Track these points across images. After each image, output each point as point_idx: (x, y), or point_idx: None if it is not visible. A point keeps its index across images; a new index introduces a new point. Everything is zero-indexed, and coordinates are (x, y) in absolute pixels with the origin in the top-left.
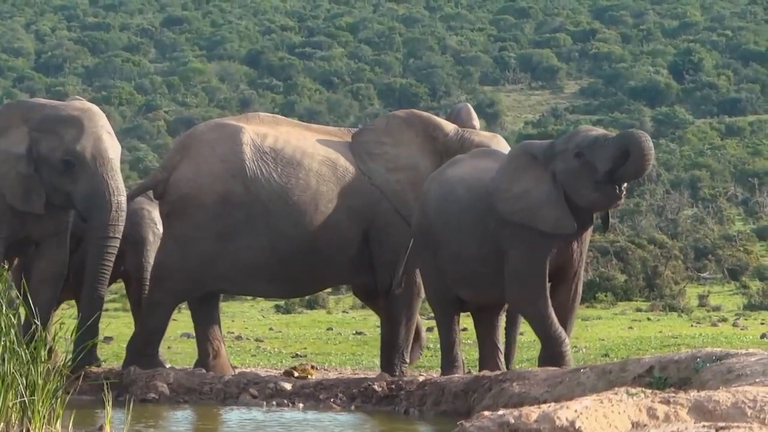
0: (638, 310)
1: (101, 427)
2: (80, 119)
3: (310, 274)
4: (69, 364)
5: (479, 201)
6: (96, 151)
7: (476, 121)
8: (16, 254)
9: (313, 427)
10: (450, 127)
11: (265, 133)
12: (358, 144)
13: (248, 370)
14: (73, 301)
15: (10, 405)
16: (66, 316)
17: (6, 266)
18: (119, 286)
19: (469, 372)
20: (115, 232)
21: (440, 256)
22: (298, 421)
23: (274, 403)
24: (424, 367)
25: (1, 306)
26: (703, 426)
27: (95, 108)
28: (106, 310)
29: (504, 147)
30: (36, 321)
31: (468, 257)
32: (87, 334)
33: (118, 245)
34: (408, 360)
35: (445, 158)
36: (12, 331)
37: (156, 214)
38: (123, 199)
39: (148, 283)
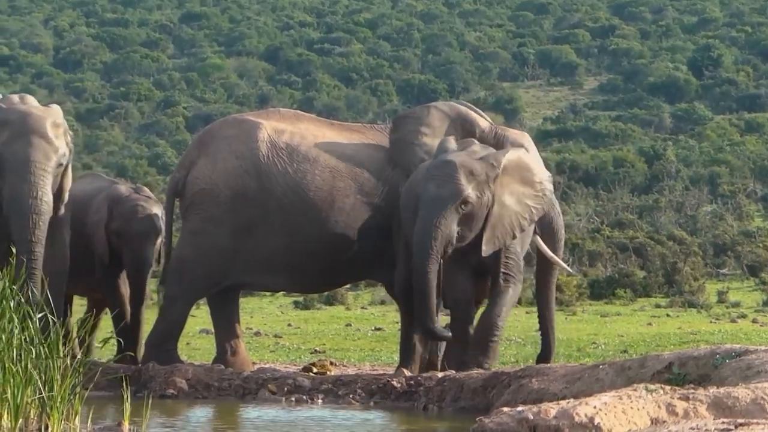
0: (657, 306)
1: (120, 423)
2: (10, 122)
3: (327, 269)
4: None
5: None
6: (23, 155)
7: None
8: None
9: (329, 423)
10: (485, 122)
11: (282, 129)
12: (397, 132)
13: (267, 366)
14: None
15: (29, 401)
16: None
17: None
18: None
19: (488, 367)
20: (33, 237)
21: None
22: (314, 417)
23: (293, 399)
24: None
25: (20, 303)
26: (723, 422)
27: (35, 110)
28: None
29: (530, 144)
30: (53, 318)
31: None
32: None
33: (40, 249)
34: (427, 356)
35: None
36: (30, 327)
37: (154, 210)
38: (43, 205)
39: (142, 278)
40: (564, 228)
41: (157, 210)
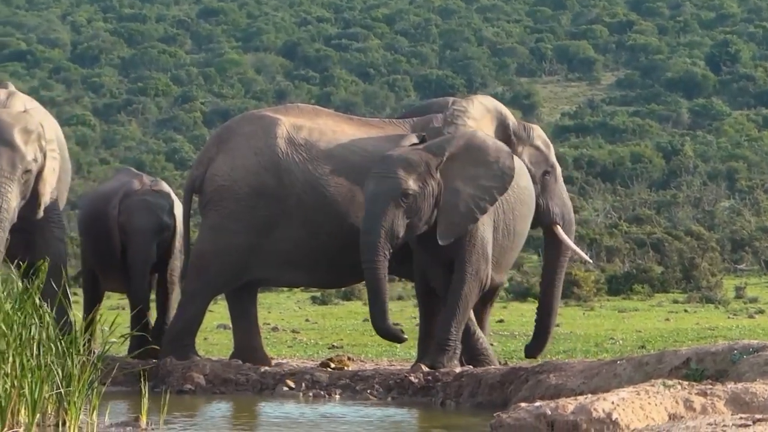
0: (675, 301)
1: (137, 418)
2: None
3: (347, 265)
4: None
5: None
6: None
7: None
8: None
9: (344, 420)
10: (513, 117)
11: (301, 125)
12: (447, 125)
13: (285, 361)
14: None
15: (47, 396)
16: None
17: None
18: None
19: (506, 363)
20: None
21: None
22: (332, 413)
23: (311, 394)
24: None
25: (40, 299)
26: (740, 418)
27: (4, 116)
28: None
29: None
30: (72, 313)
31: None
32: None
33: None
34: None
35: (512, 146)
36: (49, 323)
37: (161, 205)
38: (3, 213)
39: (139, 272)
40: (574, 219)
41: (166, 205)
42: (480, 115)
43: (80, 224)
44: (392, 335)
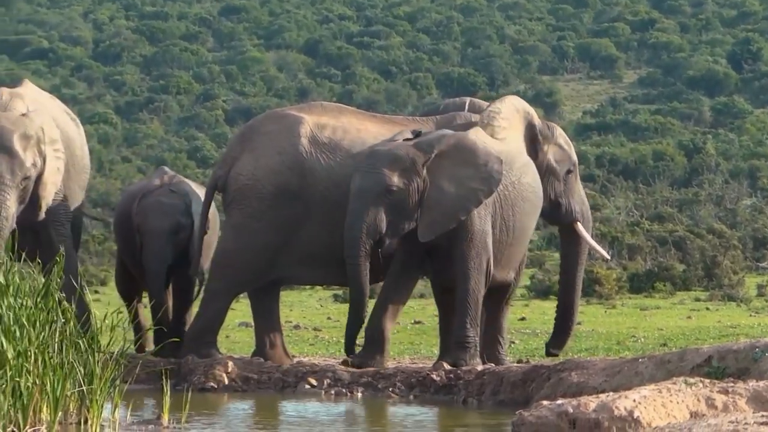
0: (697, 299)
1: (159, 416)
2: None
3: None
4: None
5: None
6: None
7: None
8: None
9: (366, 418)
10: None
11: (324, 123)
12: (484, 127)
13: (306, 359)
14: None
15: (69, 394)
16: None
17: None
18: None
19: (527, 361)
20: None
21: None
22: (354, 411)
23: (333, 392)
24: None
25: (61, 297)
26: (762, 416)
27: (3, 122)
28: None
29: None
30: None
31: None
32: None
33: None
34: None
35: (538, 145)
36: (71, 321)
37: (176, 204)
38: (2, 221)
39: (155, 273)
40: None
41: (182, 206)
42: (511, 115)
43: (113, 222)
44: (349, 346)
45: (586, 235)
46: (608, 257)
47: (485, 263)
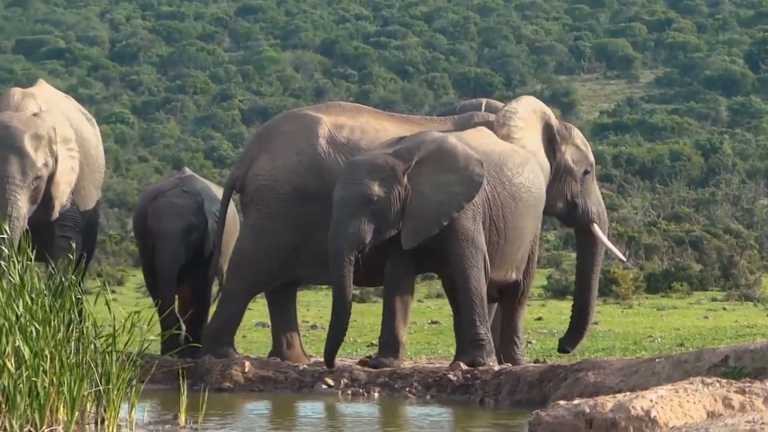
0: (714, 299)
1: (176, 416)
2: None
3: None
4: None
5: None
6: None
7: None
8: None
9: (383, 418)
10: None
11: (342, 123)
12: (500, 127)
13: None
14: None
15: (86, 394)
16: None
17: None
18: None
19: (544, 361)
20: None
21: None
22: (371, 411)
23: (350, 392)
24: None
25: (80, 297)
26: None
27: (15, 122)
28: None
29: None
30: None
31: None
32: None
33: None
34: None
35: (556, 145)
36: (88, 320)
37: (187, 205)
38: (14, 221)
39: (166, 275)
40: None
41: (193, 206)
42: (528, 116)
43: (132, 222)
44: (330, 358)
45: (603, 237)
46: (624, 258)
47: (482, 260)
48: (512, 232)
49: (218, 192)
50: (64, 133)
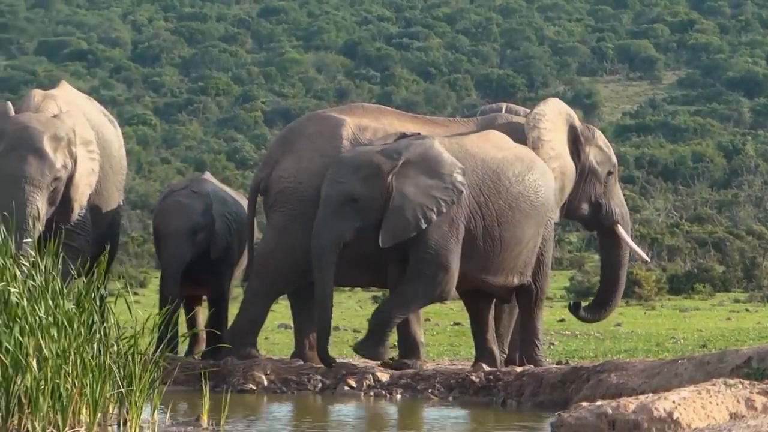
0: (736, 301)
1: (198, 418)
2: (6, 134)
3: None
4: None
5: None
6: (14, 170)
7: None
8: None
9: (405, 419)
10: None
11: (365, 125)
12: (530, 130)
13: (346, 360)
14: None
15: (108, 396)
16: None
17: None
18: None
19: (567, 362)
20: (21, 251)
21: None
22: (393, 412)
23: (372, 394)
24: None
25: (103, 298)
26: None
27: (34, 123)
28: None
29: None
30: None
31: None
32: None
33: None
34: (506, 351)
35: (580, 146)
36: (110, 322)
37: (193, 205)
38: (31, 220)
39: (170, 274)
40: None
41: (200, 207)
42: (555, 118)
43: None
44: (325, 357)
45: (627, 238)
46: (648, 259)
47: (444, 275)
48: (509, 241)
49: (235, 196)
50: (85, 135)
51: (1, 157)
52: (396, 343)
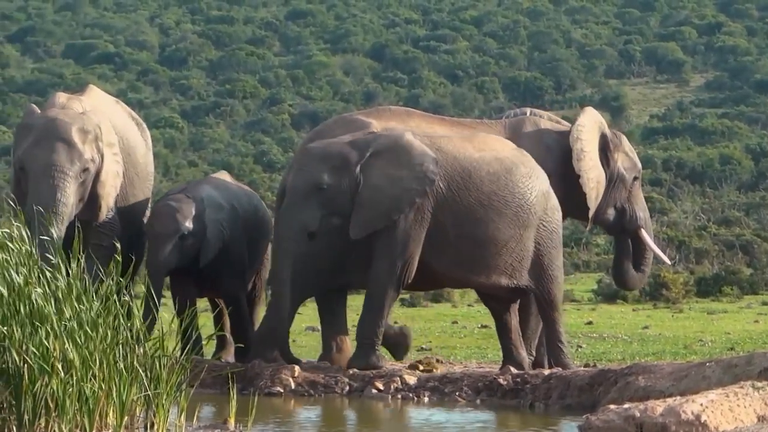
0: (764, 303)
1: (226, 421)
2: (35, 127)
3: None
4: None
5: None
6: (43, 159)
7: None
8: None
9: (432, 422)
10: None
11: (392, 128)
12: (575, 141)
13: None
14: None
15: (135, 398)
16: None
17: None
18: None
19: (595, 365)
20: (50, 236)
21: None
22: (420, 415)
23: (399, 397)
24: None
25: (130, 300)
26: None
27: (61, 116)
28: None
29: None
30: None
31: None
32: None
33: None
34: (534, 353)
35: (609, 153)
36: (136, 324)
37: (182, 209)
38: (61, 207)
39: (155, 279)
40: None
41: (190, 211)
42: (592, 128)
43: None
44: (286, 351)
45: (650, 242)
46: (669, 262)
47: (400, 269)
48: (482, 239)
49: (251, 196)
50: (109, 138)
51: (30, 149)
52: (423, 346)
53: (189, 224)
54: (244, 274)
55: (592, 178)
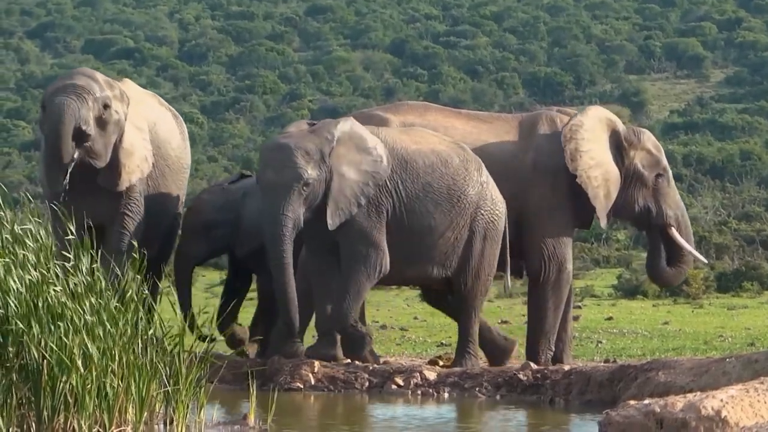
0: None
1: (245, 417)
2: (47, 91)
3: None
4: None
5: None
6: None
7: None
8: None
9: (453, 418)
10: (621, 123)
11: (410, 123)
12: (567, 141)
13: (393, 359)
14: None
15: (154, 395)
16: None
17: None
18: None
19: (614, 361)
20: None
21: None
22: (440, 411)
23: (419, 392)
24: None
25: (147, 296)
26: None
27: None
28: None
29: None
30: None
31: None
32: None
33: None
34: (553, 348)
35: (623, 151)
36: (156, 320)
37: (212, 201)
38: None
39: (184, 268)
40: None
41: (218, 203)
42: (593, 126)
43: None
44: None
45: (682, 240)
46: (706, 261)
47: (376, 258)
48: (420, 229)
49: None
50: (137, 122)
51: (46, 103)
52: (443, 341)
53: (216, 216)
54: None
55: (596, 176)
